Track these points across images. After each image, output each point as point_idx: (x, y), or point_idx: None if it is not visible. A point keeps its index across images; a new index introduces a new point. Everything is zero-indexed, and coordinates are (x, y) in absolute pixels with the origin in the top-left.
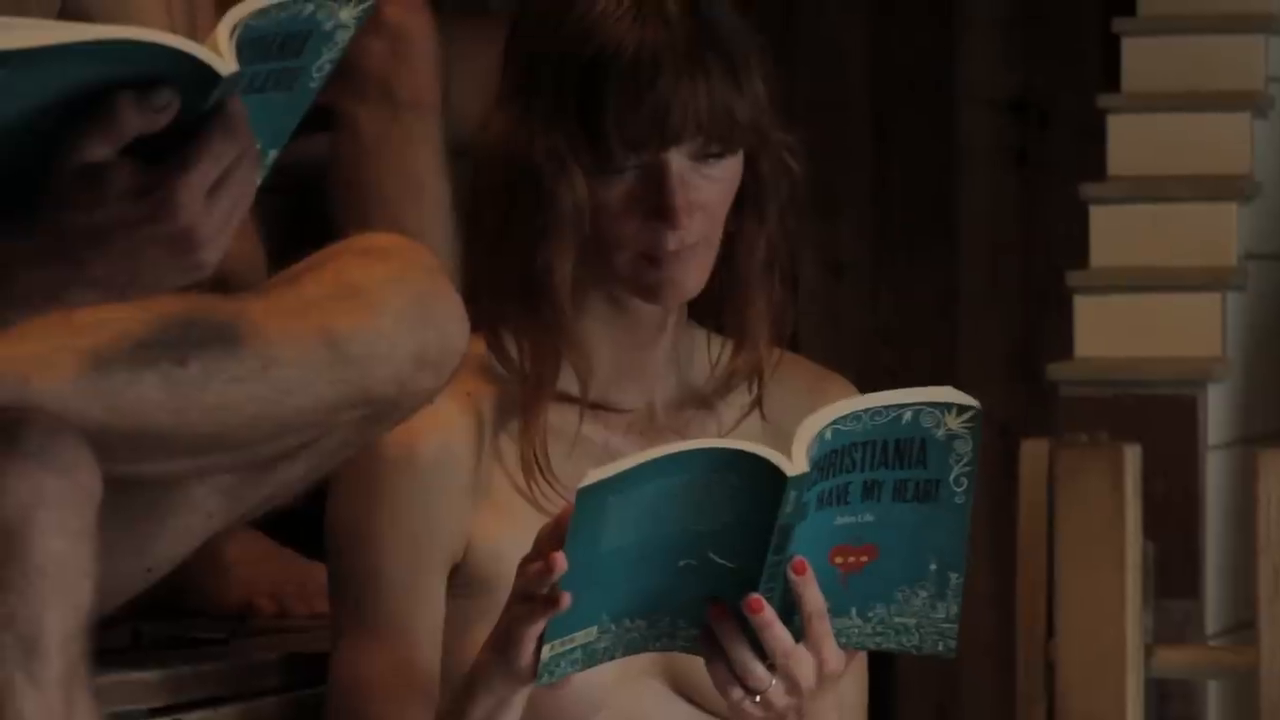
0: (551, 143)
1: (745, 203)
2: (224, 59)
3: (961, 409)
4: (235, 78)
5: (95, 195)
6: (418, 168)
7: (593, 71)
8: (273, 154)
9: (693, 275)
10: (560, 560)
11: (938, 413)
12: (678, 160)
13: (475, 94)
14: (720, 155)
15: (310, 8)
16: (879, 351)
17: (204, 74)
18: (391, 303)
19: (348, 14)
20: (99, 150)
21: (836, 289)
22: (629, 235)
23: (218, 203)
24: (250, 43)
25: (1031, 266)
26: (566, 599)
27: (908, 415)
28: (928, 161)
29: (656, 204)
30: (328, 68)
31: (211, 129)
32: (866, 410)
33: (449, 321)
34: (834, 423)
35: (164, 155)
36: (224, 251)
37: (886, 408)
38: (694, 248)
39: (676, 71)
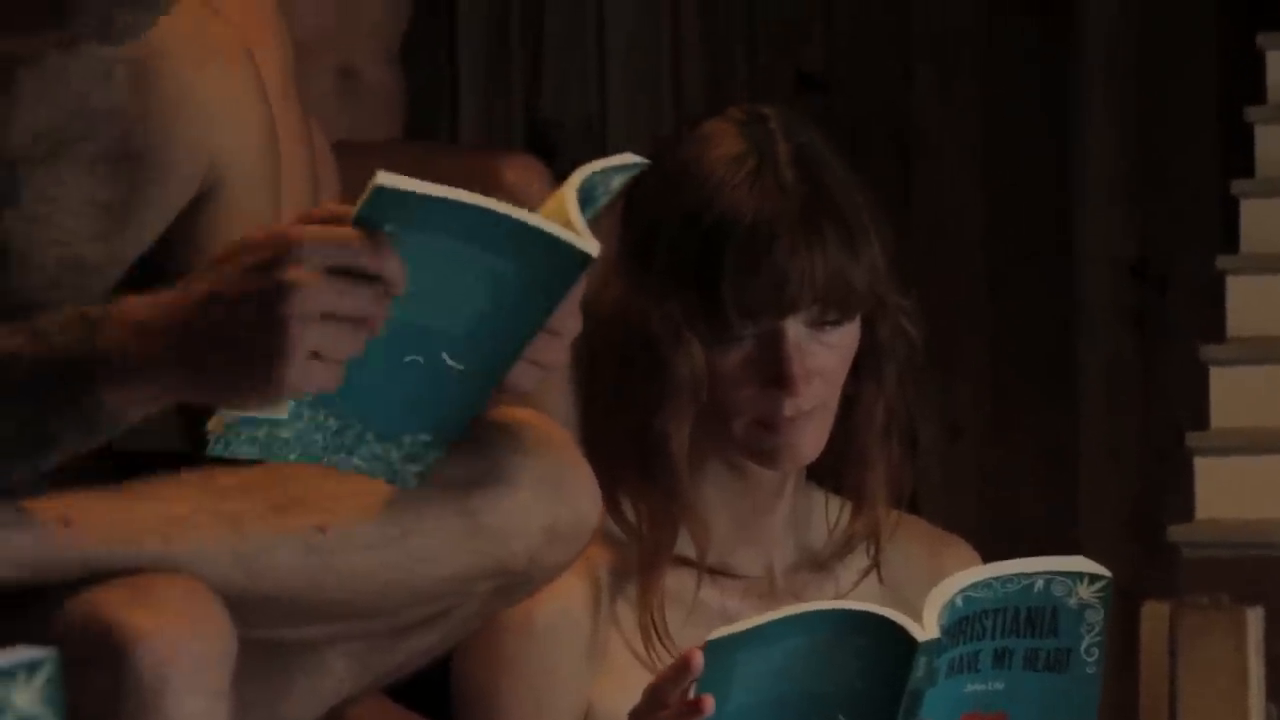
0: (668, 311)
1: (863, 366)
2: (584, 239)
3: (1094, 578)
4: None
5: None
6: None
7: (710, 239)
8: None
9: (810, 441)
10: (709, 702)
11: (1070, 582)
12: (795, 328)
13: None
14: (838, 322)
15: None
16: (998, 513)
17: (571, 259)
18: (526, 476)
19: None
20: None
21: (954, 450)
22: (746, 402)
23: (332, 322)
24: None
25: (1151, 427)
26: None
27: (1040, 584)
28: (1046, 322)
29: (774, 372)
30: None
31: (365, 240)
32: (998, 578)
33: (581, 496)
34: (965, 589)
35: None
36: (297, 393)
37: (1018, 575)
38: (811, 413)
39: (793, 240)
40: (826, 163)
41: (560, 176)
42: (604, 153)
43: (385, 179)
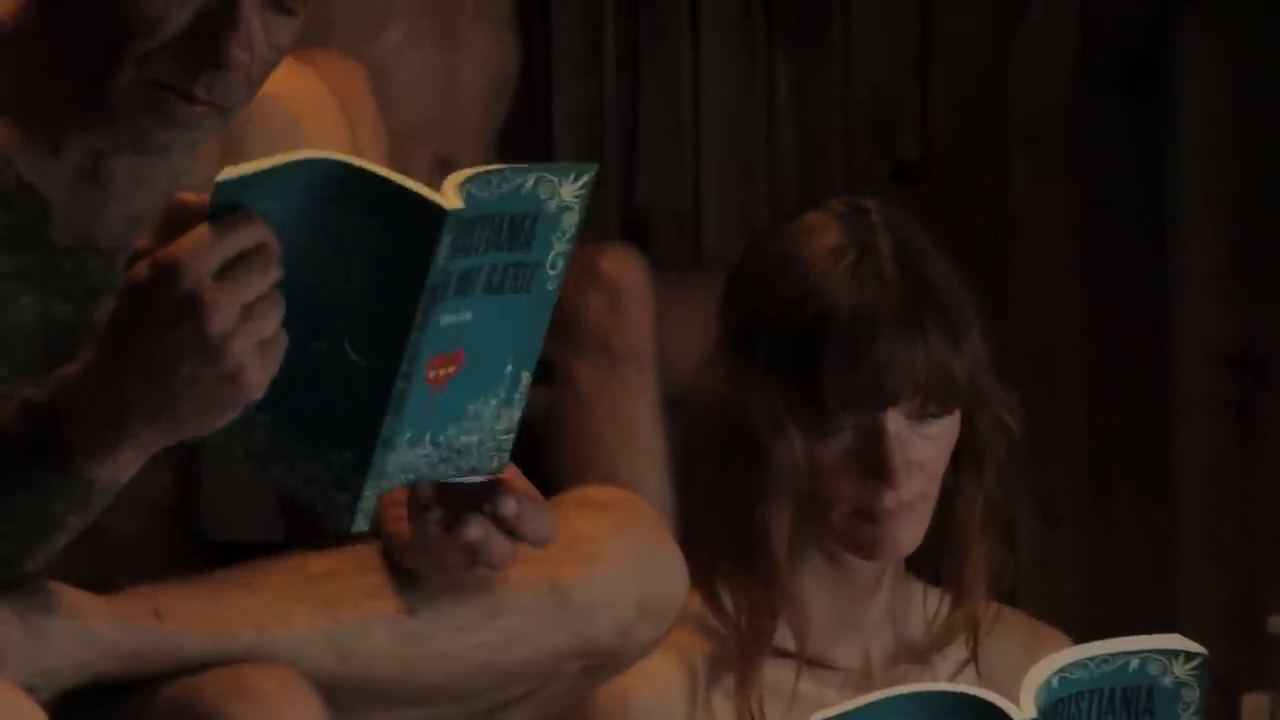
0: (768, 402)
1: (963, 458)
2: (448, 199)
3: (1188, 656)
4: (465, 224)
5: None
6: (634, 418)
7: (810, 331)
8: (525, 376)
9: (910, 532)
10: None
11: (1164, 660)
12: (895, 420)
13: (689, 346)
14: (938, 415)
15: (531, 180)
16: (1097, 604)
17: (429, 216)
18: (614, 552)
19: (569, 192)
20: None
21: (1053, 540)
22: (846, 493)
23: (252, 319)
24: (477, 220)
25: (1251, 519)
26: None
27: (1134, 663)
28: (1143, 413)
29: (874, 463)
30: (561, 265)
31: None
32: (1093, 658)
33: (669, 572)
34: (1060, 670)
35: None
36: (264, 383)
37: (1113, 655)
38: (911, 505)
39: (894, 333)
40: (927, 255)
41: (655, 266)
42: (699, 245)
43: (224, 174)
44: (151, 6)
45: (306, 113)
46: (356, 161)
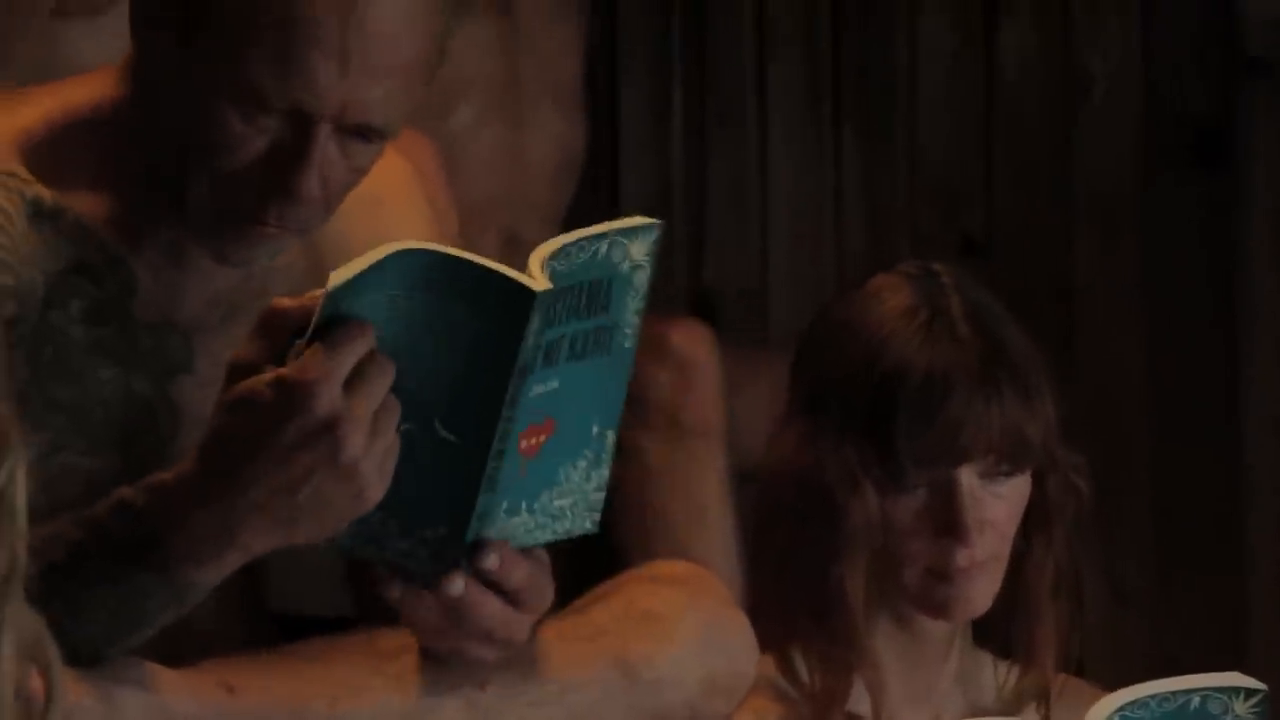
0: (842, 459)
1: (1033, 522)
2: (537, 281)
3: (1250, 693)
4: (551, 304)
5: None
6: (703, 494)
7: (884, 390)
8: (611, 435)
9: (982, 592)
10: None
11: (1225, 698)
12: (969, 478)
13: (759, 420)
14: (1010, 473)
15: (604, 245)
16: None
17: (517, 298)
18: (683, 628)
19: (640, 251)
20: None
21: (1121, 615)
22: (919, 551)
23: (376, 435)
24: (559, 293)
25: None
26: None
27: (1195, 701)
28: (1212, 484)
29: (947, 521)
30: (636, 321)
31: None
32: (1154, 695)
33: (739, 648)
34: (1121, 709)
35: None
36: (382, 493)
37: (1174, 694)
38: (984, 564)
39: (968, 391)
40: (999, 317)
41: (724, 342)
42: (767, 322)
43: (331, 281)
44: (226, 133)
45: (387, 193)
46: (446, 249)
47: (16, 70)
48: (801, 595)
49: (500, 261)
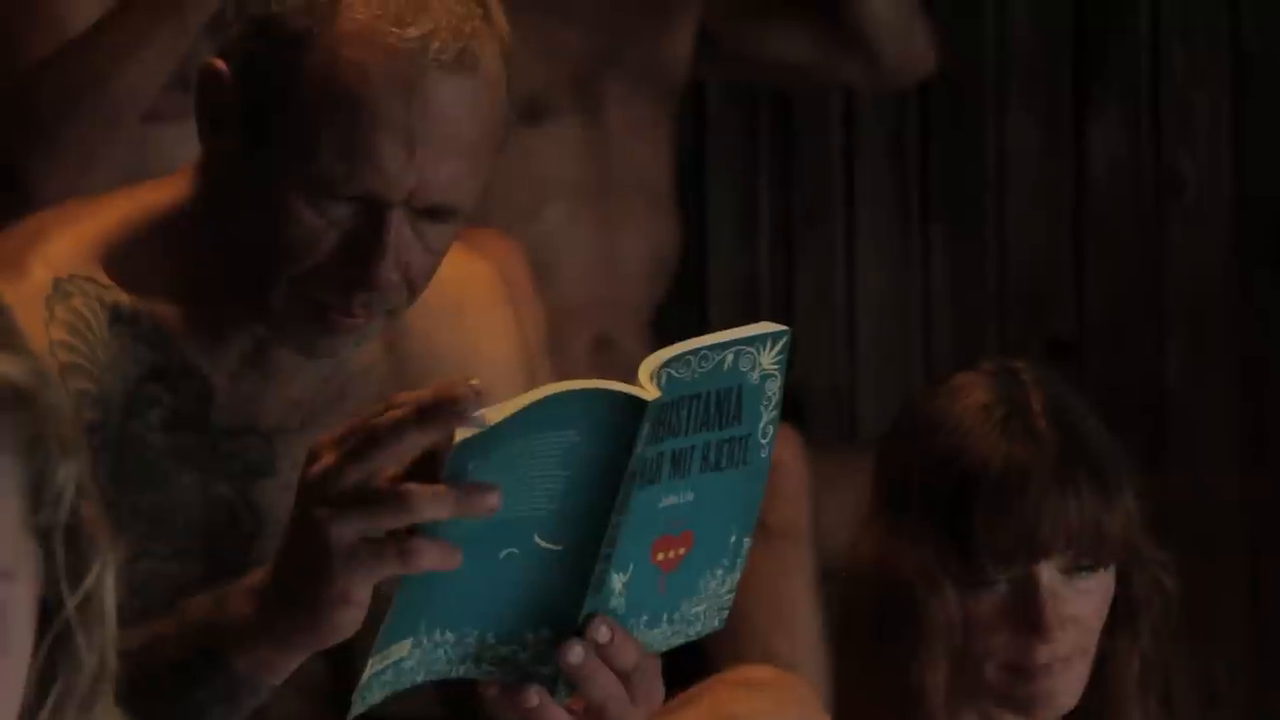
0: (922, 557)
1: (1118, 619)
2: (647, 391)
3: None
4: (665, 407)
5: None
6: (791, 596)
7: (962, 486)
8: (747, 541)
9: (1066, 688)
10: None
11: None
12: (1048, 573)
13: (846, 521)
14: (1091, 569)
15: (730, 354)
16: None
17: (627, 408)
18: None
19: (769, 359)
20: None
21: (1212, 718)
22: (999, 647)
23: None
24: (679, 401)
25: None
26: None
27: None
28: None
29: (1027, 617)
30: (772, 431)
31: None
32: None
33: None
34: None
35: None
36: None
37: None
38: (1067, 660)
39: (1045, 486)
40: (1078, 411)
41: (811, 442)
42: (855, 421)
43: (463, 438)
44: (299, 227)
45: (469, 299)
46: (562, 387)
47: (105, 176)
48: (884, 694)
49: (592, 364)
